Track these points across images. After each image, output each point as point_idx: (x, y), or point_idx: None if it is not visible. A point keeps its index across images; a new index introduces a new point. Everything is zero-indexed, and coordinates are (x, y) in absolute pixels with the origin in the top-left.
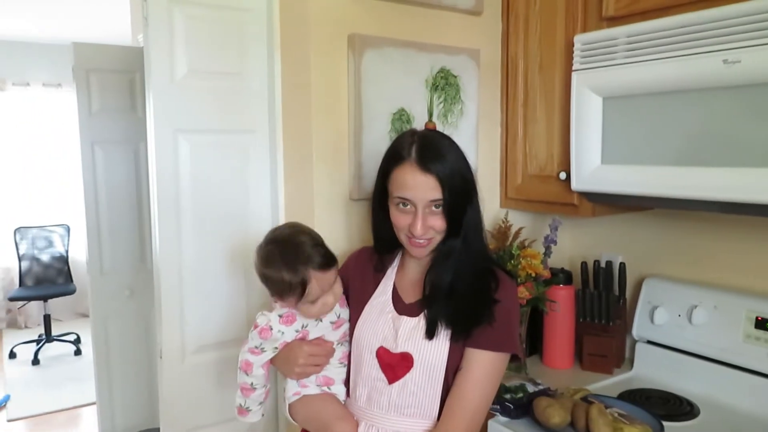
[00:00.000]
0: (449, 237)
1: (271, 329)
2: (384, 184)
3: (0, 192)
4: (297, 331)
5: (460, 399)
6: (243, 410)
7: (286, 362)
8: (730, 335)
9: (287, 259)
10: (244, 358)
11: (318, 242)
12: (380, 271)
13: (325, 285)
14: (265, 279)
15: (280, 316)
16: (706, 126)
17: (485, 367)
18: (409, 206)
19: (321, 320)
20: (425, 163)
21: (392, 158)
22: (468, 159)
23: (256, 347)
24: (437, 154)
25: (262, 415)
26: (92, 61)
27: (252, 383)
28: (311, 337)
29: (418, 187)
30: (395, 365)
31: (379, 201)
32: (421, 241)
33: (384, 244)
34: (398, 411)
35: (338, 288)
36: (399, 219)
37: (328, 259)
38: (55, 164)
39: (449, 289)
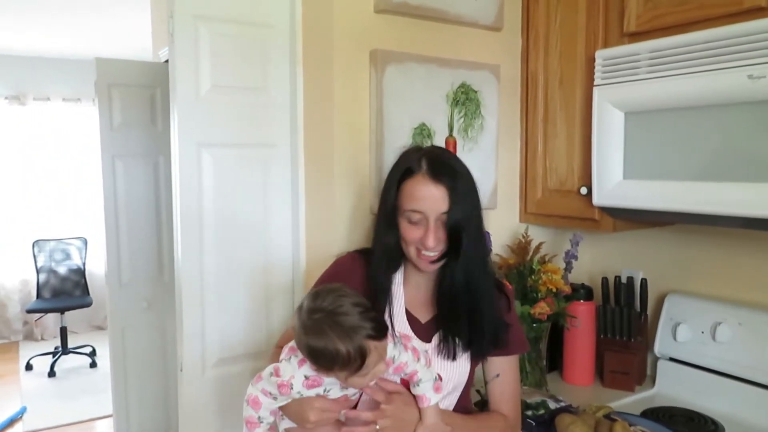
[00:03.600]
0: (455, 248)
1: (292, 388)
2: (392, 198)
3: (19, 205)
4: (318, 395)
5: (514, 397)
6: None
7: (296, 416)
8: (756, 353)
9: (341, 329)
10: (254, 394)
11: (367, 307)
12: (383, 290)
13: (382, 353)
14: (313, 352)
15: (306, 378)
16: (730, 141)
17: (515, 366)
18: (419, 219)
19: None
20: (437, 174)
21: (401, 172)
22: (489, 172)
23: (270, 392)
24: (447, 165)
25: None
26: (114, 76)
27: (259, 417)
28: (331, 397)
29: (431, 198)
30: None
31: (386, 215)
32: (432, 254)
33: (388, 260)
34: None
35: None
36: (409, 232)
37: (383, 326)
38: (73, 178)
39: (467, 310)
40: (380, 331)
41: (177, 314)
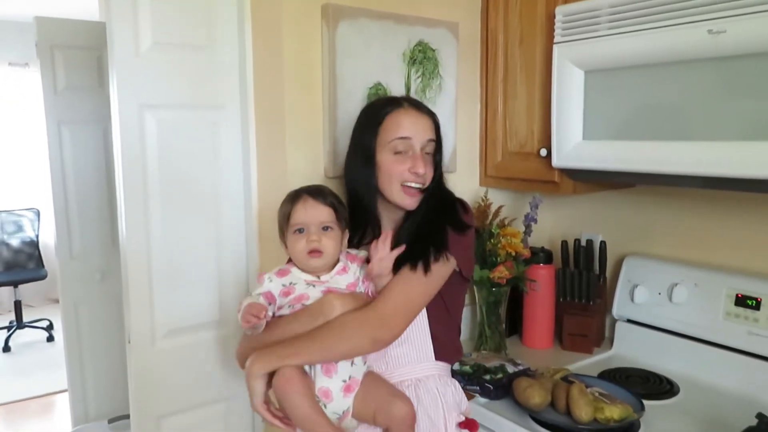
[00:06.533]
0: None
1: (265, 275)
2: (372, 136)
3: None
4: (284, 285)
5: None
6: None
7: None
8: (711, 313)
9: (292, 193)
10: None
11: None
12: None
13: (311, 214)
14: (278, 223)
15: (279, 269)
16: (690, 99)
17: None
18: (405, 149)
19: (314, 285)
20: (419, 106)
21: (382, 108)
22: (447, 135)
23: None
24: (423, 103)
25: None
26: (57, 37)
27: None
28: (293, 295)
29: (418, 125)
30: None
31: (364, 155)
32: (420, 185)
33: (368, 195)
34: (396, 362)
35: (333, 241)
36: (396, 166)
37: (325, 194)
38: (24, 146)
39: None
40: (318, 192)
41: (123, 285)
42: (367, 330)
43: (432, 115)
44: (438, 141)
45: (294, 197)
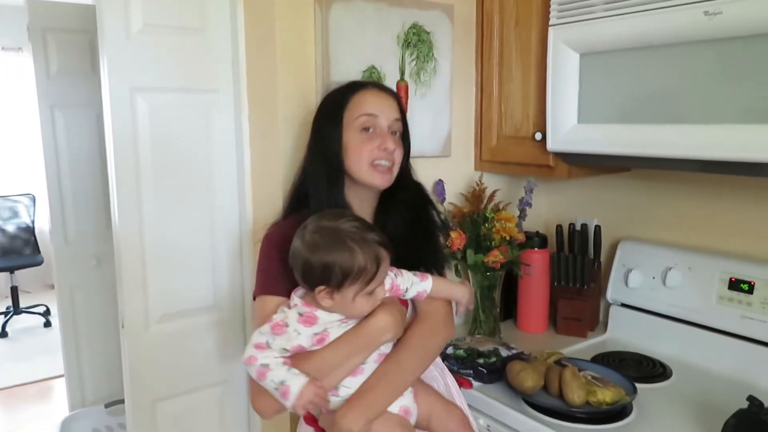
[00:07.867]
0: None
1: (287, 326)
2: (338, 123)
3: None
4: (315, 334)
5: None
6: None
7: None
8: (704, 297)
9: (358, 237)
10: (248, 354)
11: (368, 223)
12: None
13: (386, 270)
14: (327, 266)
15: (300, 315)
16: (686, 82)
17: None
18: (372, 127)
19: (346, 323)
20: (382, 87)
21: (346, 92)
22: (443, 119)
23: (262, 344)
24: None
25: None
26: (49, 20)
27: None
28: (328, 340)
29: (383, 103)
30: None
31: (329, 137)
32: (388, 163)
33: (329, 185)
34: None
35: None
36: (364, 144)
37: (385, 238)
38: (19, 132)
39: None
40: (387, 242)
41: (116, 269)
42: (442, 339)
43: (397, 98)
44: (404, 124)
45: (372, 251)
